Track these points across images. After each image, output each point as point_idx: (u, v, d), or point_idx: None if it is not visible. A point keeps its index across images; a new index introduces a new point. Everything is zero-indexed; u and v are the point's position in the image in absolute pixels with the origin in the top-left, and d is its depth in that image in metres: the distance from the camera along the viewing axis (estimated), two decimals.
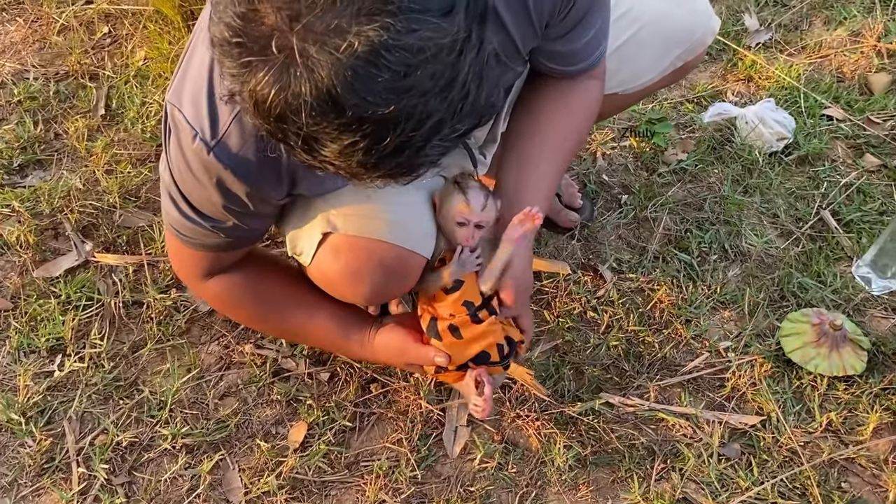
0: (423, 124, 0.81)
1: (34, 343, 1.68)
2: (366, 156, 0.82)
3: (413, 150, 0.84)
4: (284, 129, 0.82)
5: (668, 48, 1.58)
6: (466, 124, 0.87)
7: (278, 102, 0.79)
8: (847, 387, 1.64)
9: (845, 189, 2.03)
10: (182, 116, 1.08)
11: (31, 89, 2.26)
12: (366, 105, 0.78)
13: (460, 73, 0.81)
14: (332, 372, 1.66)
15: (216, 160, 1.08)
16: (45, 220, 1.92)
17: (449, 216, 1.23)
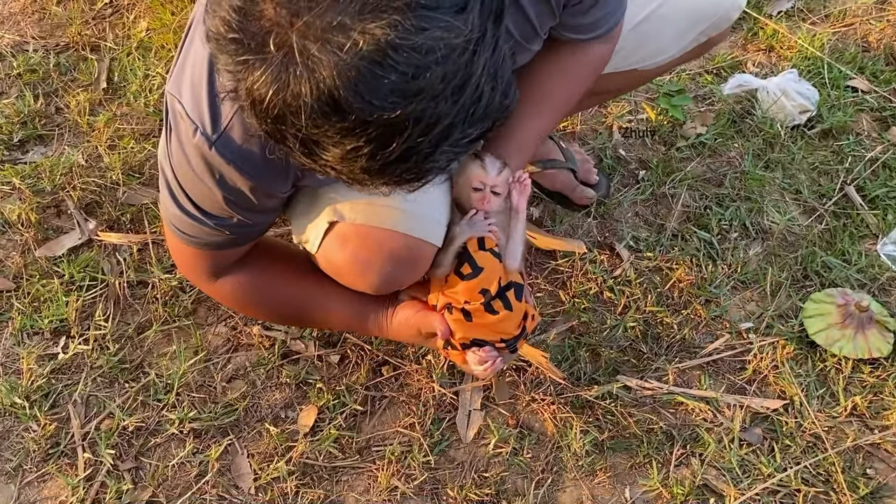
0: (431, 129, 0.76)
1: (37, 325, 1.64)
2: (370, 162, 0.78)
3: (420, 157, 0.79)
4: (283, 131, 0.78)
5: (692, 24, 1.52)
6: (478, 129, 0.82)
7: (276, 103, 0.74)
8: (873, 370, 1.60)
9: (870, 164, 1.96)
10: (182, 109, 1.03)
11: (31, 62, 2.21)
12: (370, 109, 0.73)
13: (473, 74, 0.76)
14: (343, 354, 1.62)
15: (218, 155, 1.03)
16: (47, 198, 1.87)
17: (465, 184, 1.22)
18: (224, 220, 1.13)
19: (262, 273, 1.31)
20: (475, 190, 1.22)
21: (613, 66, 1.50)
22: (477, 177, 1.21)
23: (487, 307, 1.23)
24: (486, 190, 1.21)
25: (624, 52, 1.50)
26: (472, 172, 1.21)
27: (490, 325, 1.25)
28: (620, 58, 1.50)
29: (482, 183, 1.21)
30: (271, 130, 0.79)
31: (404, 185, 0.85)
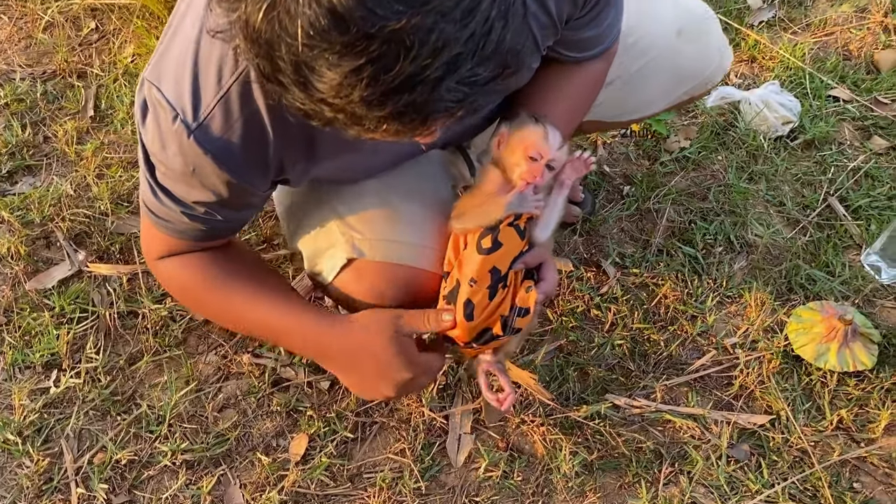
0: (438, 54, 0.71)
1: (29, 359, 1.65)
2: (370, 88, 0.71)
3: (427, 87, 0.73)
4: (275, 59, 0.72)
5: (677, 84, 1.54)
6: (487, 70, 0.76)
7: (270, 21, 0.70)
8: (858, 382, 1.61)
9: (853, 173, 1.98)
10: (161, 95, 1.00)
11: (18, 91, 2.22)
12: (374, 18, 0.68)
13: (483, 1, 0.71)
14: (333, 380, 1.63)
15: (196, 144, 1.00)
16: (37, 230, 1.88)
17: (519, 147, 1.13)
18: (191, 209, 1.10)
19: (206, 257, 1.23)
20: (531, 159, 1.12)
21: (599, 115, 1.52)
22: (535, 146, 1.12)
23: (492, 292, 1.14)
24: (542, 163, 1.12)
25: (609, 105, 1.53)
26: (531, 138, 1.12)
27: (489, 314, 1.17)
28: (605, 108, 1.52)
29: (540, 154, 1.12)
30: (263, 61, 0.74)
31: (406, 125, 0.78)
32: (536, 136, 1.12)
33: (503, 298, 1.16)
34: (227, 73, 0.98)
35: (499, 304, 1.16)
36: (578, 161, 1.19)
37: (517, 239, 1.14)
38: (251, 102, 1.00)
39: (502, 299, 1.16)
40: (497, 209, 1.13)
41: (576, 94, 1.35)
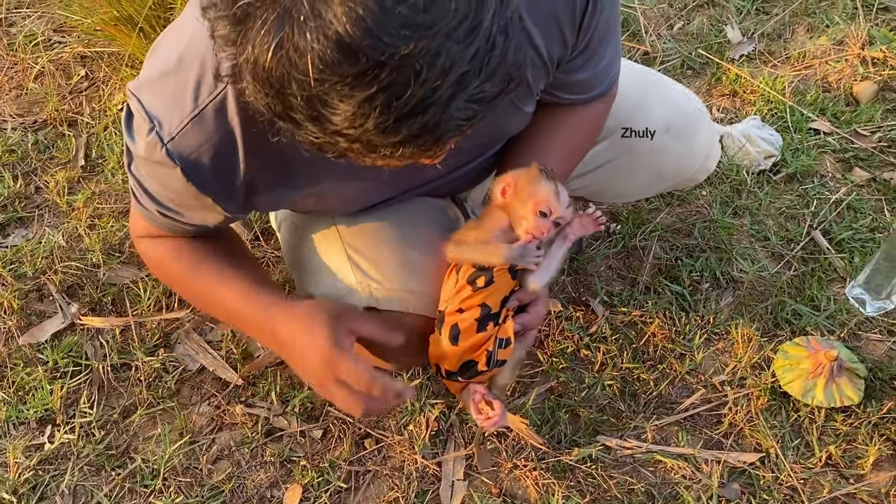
0: (447, 75, 0.73)
1: (23, 415, 1.66)
2: (384, 114, 0.73)
3: (439, 108, 0.75)
4: (287, 96, 0.74)
5: (659, 180, 1.57)
6: (493, 85, 0.78)
7: (278, 59, 0.71)
8: (845, 417, 1.63)
9: (835, 206, 2.01)
10: (140, 105, 1.03)
11: (10, 142, 2.24)
12: (382, 47, 0.69)
13: (484, 18, 0.73)
14: (325, 428, 1.64)
15: (167, 157, 1.03)
16: (29, 283, 1.89)
17: (530, 201, 1.14)
18: (166, 211, 1.15)
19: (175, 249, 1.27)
20: (540, 214, 1.13)
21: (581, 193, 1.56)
22: (546, 202, 1.13)
23: (481, 325, 1.16)
24: (551, 219, 1.14)
25: (593, 189, 1.57)
26: (541, 195, 1.13)
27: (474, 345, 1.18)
28: (587, 191, 1.56)
29: (550, 210, 1.14)
30: (275, 100, 0.76)
31: (421, 147, 0.79)
32: (548, 193, 1.13)
33: (493, 335, 1.18)
34: (205, 92, 1.01)
35: (487, 339, 1.18)
36: (588, 218, 1.20)
37: (508, 279, 1.16)
38: (226, 124, 1.02)
39: (491, 335, 1.18)
40: (496, 256, 1.14)
41: (573, 136, 1.37)
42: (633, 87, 1.46)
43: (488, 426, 1.24)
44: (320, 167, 1.07)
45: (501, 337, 1.19)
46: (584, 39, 1.17)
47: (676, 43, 2.43)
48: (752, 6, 2.52)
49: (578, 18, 1.13)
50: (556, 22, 1.12)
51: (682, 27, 2.49)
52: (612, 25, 1.23)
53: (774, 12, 2.51)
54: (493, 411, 1.22)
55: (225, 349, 1.76)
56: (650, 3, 2.57)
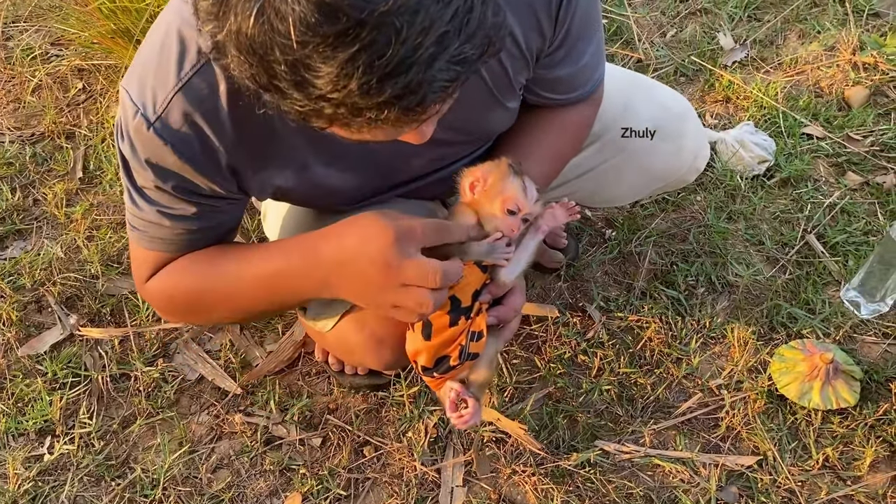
0: (427, 33, 0.74)
1: (23, 426, 1.66)
2: (367, 74, 0.74)
3: (421, 67, 0.75)
4: (270, 64, 0.75)
5: (649, 182, 1.58)
6: (474, 47, 0.79)
7: (261, 26, 0.73)
8: (842, 419, 1.64)
9: (829, 210, 2.02)
10: (128, 96, 1.05)
11: (8, 154, 2.25)
12: (361, 4, 0.71)
13: None
14: (325, 436, 1.65)
15: (156, 135, 1.04)
16: (28, 295, 1.90)
17: (498, 199, 1.12)
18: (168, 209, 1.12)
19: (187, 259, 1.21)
20: (509, 213, 1.12)
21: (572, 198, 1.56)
22: (514, 200, 1.11)
23: (453, 320, 1.14)
24: (519, 216, 1.13)
25: (583, 193, 1.58)
26: (509, 192, 1.12)
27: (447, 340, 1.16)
28: (577, 196, 1.57)
29: (518, 208, 1.12)
30: (258, 69, 0.77)
31: (405, 107, 0.79)
32: (516, 190, 1.12)
33: (465, 328, 1.17)
34: (188, 64, 1.02)
35: (460, 333, 1.17)
36: (560, 208, 1.19)
37: (478, 272, 1.14)
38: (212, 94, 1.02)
39: (464, 329, 1.17)
40: (467, 251, 1.12)
41: (558, 139, 1.38)
42: (620, 90, 1.47)
43: (459, 424, 1.21)
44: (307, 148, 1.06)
45: (474, 330, 1.17)
46: (560, 31, 1.18)
47: (669, 50, 2.45)
48: (744, 13, 2.55)
49: (555, 9, 1.14)
50: (532, 12, 1.13)
51: (675, 35, 2.51)
52: (591, 23, 1.24)
53: (766, 19, 2.53)
54: (465, 409, 1.20)
55: (223, 358, 1.76)
56: (643, 11, 2.59)
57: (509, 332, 1.25)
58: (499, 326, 1.23)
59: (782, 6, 2.56)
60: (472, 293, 1.15)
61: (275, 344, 1.77)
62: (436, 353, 1.18)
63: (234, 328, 1.82)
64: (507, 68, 1.19)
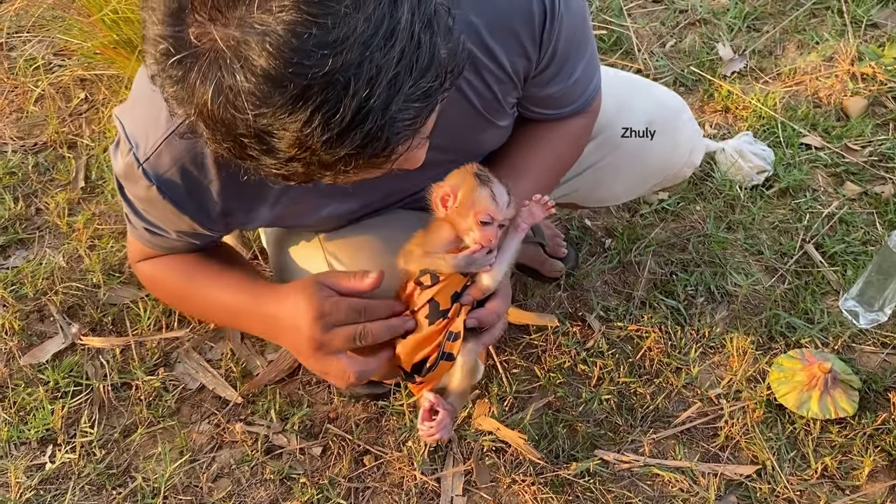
0: (375, 81, 0.75)
1: (24, 435, 1.67)
2: (325, 132, 0.76)
3: (377, 114, 0.77)
4: (237, 136, 0.78)
5: (645, 178, 1.59)
6: (430, 81, 0.80)
7: (218, 102, 0.76)
8: (841, 429, 1.64)
9: (828, 220, 2.03)
10: (122, 129, 1.10)
11: (10, 164, 2.26)
12: (304, 69, 0.73)
13: (401, 21, 0.76)
14: (325, 446, 1.65)
15: (144, 176, 1.09)
16: (30, 304, 1.91)
17: (470, 213, 1.11)
18: (154, 229, 1.20)
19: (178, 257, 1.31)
20: (482, 224, 1.11)
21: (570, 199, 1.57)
22: (486, 210, 1.11)
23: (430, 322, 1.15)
24: (494, 226, 1.12)
25: (580, 193, 1.58)
26: (480, 204, 1.11)
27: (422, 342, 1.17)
28: (575, 195, 1.58)
29: (491, 217, 1.11)
30: (229, 143, 0.80)
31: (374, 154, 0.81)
32: (486, 201, 1.11)
33: (442, 328, 1.16)
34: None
35: (438, 333, 1.16)
36: (536, 205, 1.19)
37: (458, 275, 1.15)
38: (195, 146, 1.06)
39: (441, 329, 1.16)
40: (444, 266, 1.14)
41: (553, 151, 1.38)
42: (615, 89, 1.48)
43: (424, 436, 1.20)
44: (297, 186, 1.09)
45: (451, 330, 1.17)
46: (546, 53, 1.19)
47: (669, 60, 2.47)
48: (743, 24, 2.56)
49: (538, 33, 1.15)
50: (515, 37, 1.14)
51: (675, 45, 2.53)
52: (579, 41, 1.24)
53: (765, 30, 2.54)
54: (432, 422, 1.19)
55: (224, 367, 1.77)
56: (642, 21, 2.60)
57: (490, 337, 1.23)
58: (479, 330, 1.21)
59: (781, 17, 2.58)
60: (451, 295, 1.15)
61: (275, 353, 1.78)
62: (413, 352, 1.18)
63: (235, 337, 1.82)
64: (496, 91, 1.21)
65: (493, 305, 1.21)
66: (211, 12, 0.75)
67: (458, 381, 1.21)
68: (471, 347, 1.19)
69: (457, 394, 1.22)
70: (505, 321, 1.26)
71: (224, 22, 0.74)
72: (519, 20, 1.13)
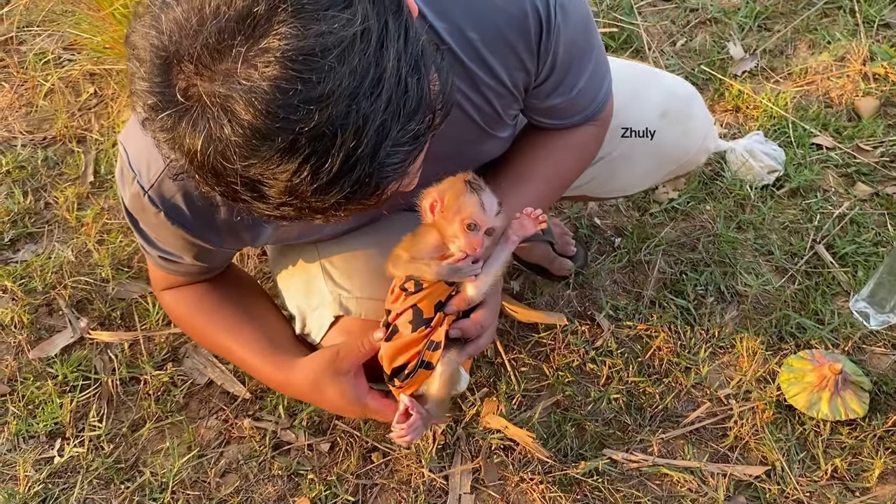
0: (363, 131, 0.75)
1: (33, 428, 1.67)
2: (315, 181, 0.77)
3: (365, 161, 0.77)
4: (228, 183, 0.79)
5: (660, 166, 1.58)
6: (419, 123, 0.80)
7: (208, 153, 0.77)
8: (851, 430, 1.63)
9: (838, 220, 2.02)
10: (126, 156, 1.11)
11: (20, 158, 2.26)
12: (290, 125, 0.74)
13: (387, 67, 0.75)
14: (333, 442, 1.65)
15: (150, 203, 1.11)
16: (39, 298, 1.91)
17: (456, 218, 1.10)
18: (167, 255, 1.23)
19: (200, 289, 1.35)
20: (469, 228, 1.09)
21: (583, 191, 1.57)
22: (473, 216, 1.09)
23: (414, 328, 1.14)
24: (480, 232, 1.10)
25: (594, 183, 1.57)
26: (467, 209, 1.09)
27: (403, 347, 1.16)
28: (589, 186, 1.57)
29: (477, 224, 1.10)
30: (221, 188, 0.81)
31: (364, 198, 0.82)
32: (473, 206, 1.10)
33: (424, 336, 1.16)
34: None
35: (420, 341, 1.16)
36: (528, 218, 1.17)
37: (443, 284, 1.14)
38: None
39: (423, 338, 1.16)
40: (428, 274, 1.13)
41: (561, 160, 1.38)
42: (625, 81, 1.47)
43: (394, 437, 1.19)
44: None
45: (432, 339, 1.16)
46: (544, 65, 1.18)
47: (679, 59, 2.46)
48: (754, 23, 2.55)
49: (535, 44, 1.14)
50: (512, 50, 1.14)
51: (685, 44, 2.52)
52: (580, 53, 1.23)
53: (776, 29, 2.53)
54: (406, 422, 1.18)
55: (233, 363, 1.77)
56: (653, 20, 2.59)
57: (475, 348, 1.22)
58: (462, 341, 1.20)
59: (792, 16, 2.57)
60: (434, 304, 1.15)
61: None
62: (395, 356, 1.17)
63: None
64: (496, 106, 1.21)
65: (478, 316, 1.20)
66: (197, 66, 0.75)
67: (437, 390, 1.19)
68: (452, 357, 1.18)
69: (435, 401, 1.21)
70: (492, 332, 1.25)
71: (209, 76, 0.74)
72: (515, 33, 1.12)
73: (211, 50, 0.74)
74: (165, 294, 1.37)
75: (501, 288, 1.35)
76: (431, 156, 0.99)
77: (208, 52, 0.74)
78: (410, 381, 1.18)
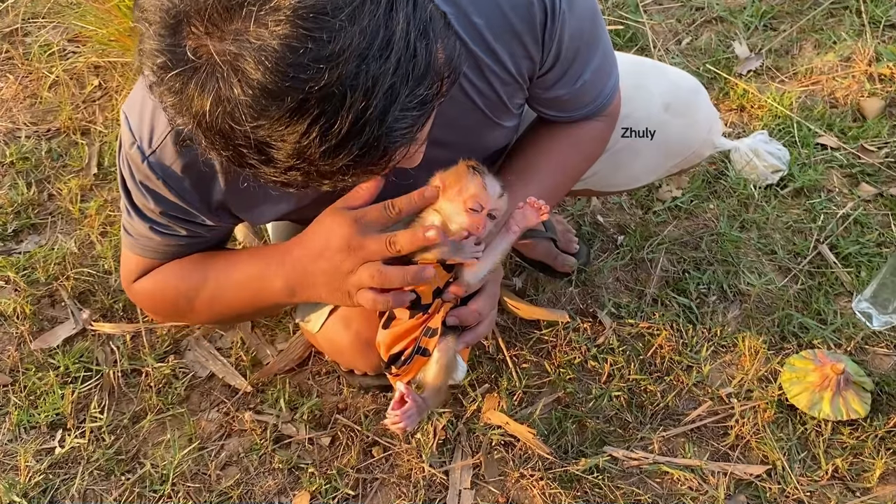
0: (372, 93, 0.76)
1: (34, 419, 1.67)
2: (324, 143, 0.77)
3: (374, 124, 0.78)
4: (236, 146, 0.79)
5: (665, 158, 1.58)
6: (427, 88, 0.81)
7: (217, 114, 0.77)
8: (852, 430, 1.63)
9: (842, 221, 2.02)
10: (127, 124, 1.11)
11: (24, 149, 2.26)
12: (300, 84, 0.74)
13: (396, 30, 0.76)
14: (333, 436, 1.65)
15: (150, 170, 1.10)
16: (42, 289, 1.91)
17: (458, 199, 1.10)
18: (158, 226, 1.20)
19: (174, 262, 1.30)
20: (471, 211, 1.10)
21: (588, 185, 1.56)
22: (475, 197, 1.09)
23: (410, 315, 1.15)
24: (483, 213, 1.10)
25: (599, 177, 1.57)
26: (470, 190, 1.10)
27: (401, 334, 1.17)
28: (594, 180, 1.57)
29: (480, 205, 1.10)
30: (228, 152, 0.81)
31: (370, 161, 0.82)
32: (476, 187, 1.10)
33: (421, 322, 1.16)
34: None
35: (417, 328, 1.16)
36: (530, 209, 1.17)
37: (441, 271, 1.14)
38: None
39: (420, 324, 1.16)
40: (431, 254, 1.11)
41: (568, 154, 1.38)
42: (630, 73, 1.47)
43: (390, 424, 1.18)
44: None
45: (429, 326, 1.16)
46: (549, 53, 1.18)
47: (684, 58, 2.45)
48: (760, 22, 2.55)
49: (539, 32, 1.14)
50: (517, 37, 1.14)
51: (691, 42, 2.51)
52: (586, 44, 1.23)
53: (782, 28, 2.53)
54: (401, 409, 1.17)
55: (234, 356, 1.77)
56: (658, 18, 2.59)
57: (473, 336, 1.21)
58: (460, 329, 1.20)
59: (798, 16, 2.56)
60: (433, 291, 1.15)
61: (285, 343, 1.78)
62: (392, 344, 1.17)
63: (246, 326, 1.82)
64: (500, 93, 1.20)
65: (475, 305, 1.20)
66: (207, 26, 0.75)
67: (434, 377, 1.20)
68: (449, 345, 1.18)
69: (432, 389, 1.21)
70: (490, 322, 1.25)
71: (220, 36, 0.75)
72: (520, 20, 1.12)
73: (221, 9, 0.74)
74: (140, 283, 1.30)
75: (501, 280, 1.35)
76: (437, 143, 0.98)
77: (218, 11, 0.74)
78: (407, 368, 1.19)
